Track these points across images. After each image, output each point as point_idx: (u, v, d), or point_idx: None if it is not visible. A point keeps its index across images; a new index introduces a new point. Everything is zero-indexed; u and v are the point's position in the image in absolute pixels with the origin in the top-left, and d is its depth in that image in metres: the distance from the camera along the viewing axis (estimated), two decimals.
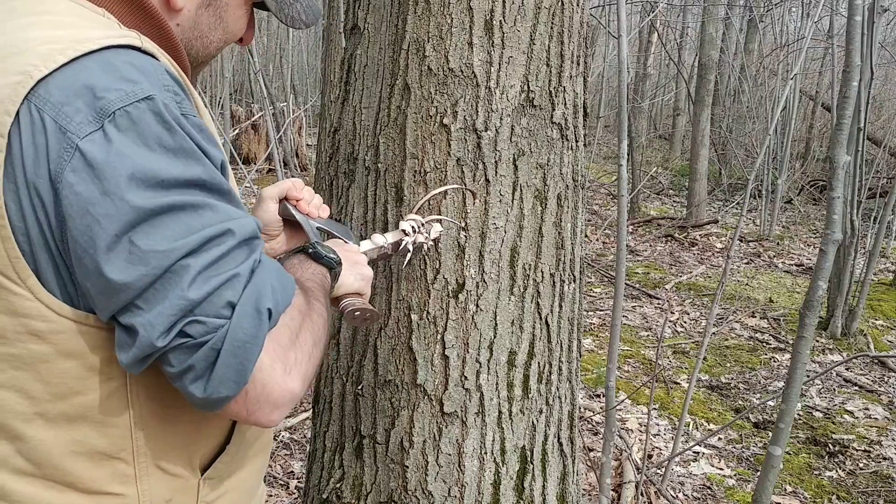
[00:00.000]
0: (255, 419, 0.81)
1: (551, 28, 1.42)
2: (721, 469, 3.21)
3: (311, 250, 1.04)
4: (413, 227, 1.35)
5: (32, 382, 0.80)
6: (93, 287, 0.75)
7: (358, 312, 1.08)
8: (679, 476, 3.10)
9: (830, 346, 4.77)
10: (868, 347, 4.72)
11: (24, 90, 0.74)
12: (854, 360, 4.43)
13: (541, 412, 1.55)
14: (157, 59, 0.84)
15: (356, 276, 1.10)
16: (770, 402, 3.81)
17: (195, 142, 0.78)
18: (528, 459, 1.54)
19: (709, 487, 3.05)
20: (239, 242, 0.79)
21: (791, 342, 4.65)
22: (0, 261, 0.76)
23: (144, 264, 0.73)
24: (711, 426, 3.59)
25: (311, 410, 1.75)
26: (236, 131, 9.39)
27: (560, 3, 1.42)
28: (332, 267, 1.04)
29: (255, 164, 9.10)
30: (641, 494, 2.74)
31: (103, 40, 0.78)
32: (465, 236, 1.42)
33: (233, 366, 0.75)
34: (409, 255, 1.36)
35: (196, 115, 0.82)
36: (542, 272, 1.50)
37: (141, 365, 0.77)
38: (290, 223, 1.19)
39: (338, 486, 1.56)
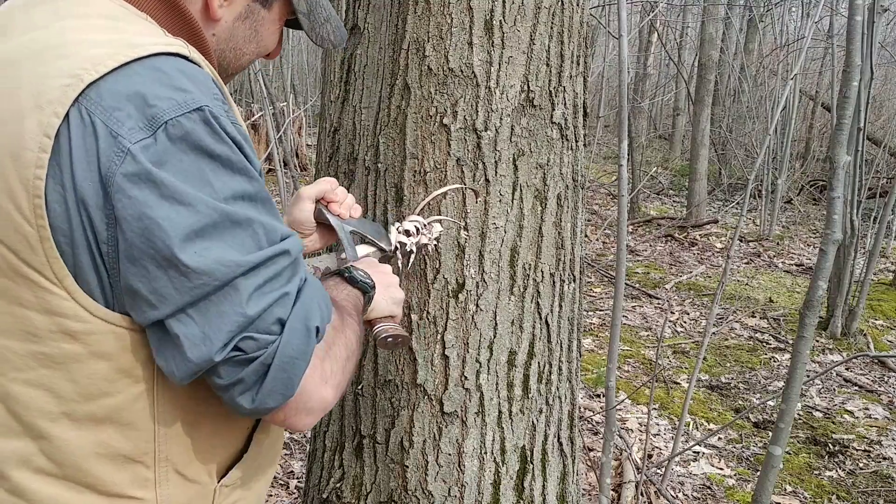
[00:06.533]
0: (290, 424, 0.86)
1: (551, 28, 1.42)
2: (721, 469, 3.21)
3: (346, 274, 1.08)
4: (416, 227, 1.35)
5: (62, 382, 0.80)
6: (145, 287, 0.75)
7: (391, 339, 1.11)
8: (679, 476, 3.10)
9: (830, 346, 4.77)
10: (868, 347, 4.71)
11: (74, 93, 0.74)
12: (854, 360, 4.43)
13: (541, 412, 1.55)
14: (202, 67, 0.84)
15: (388, 299, 1.14)
16: (770, 402, 3.81)
17: (243, 153, 0.80)
18: (528, 459, 1.54)
19: (709, 487, 3.05)
20: (291, 262, 0.82)
21: (791, 342, 4.65)
22: (38, 260, 0.76)
23: (207, 274, 0.74)
24: (711, 426, 3.59)
25: None
26: None
27: (560, 3, 1.42)
28: (367, 291, 1.08)
29: None
30: (641, 494, 2.74)
31: (152, 47, 0.79)
32: (465, 236, 1.42)
33: (281, 380, 0.79)
34: (412, 256, 1.36)
35: (242, 125, 0.83)
36: (542, 272, 1.50)
37: (193, 377, 0.79)
38: (324, 223, 1.22)
39: (338, 485, 1.56)
